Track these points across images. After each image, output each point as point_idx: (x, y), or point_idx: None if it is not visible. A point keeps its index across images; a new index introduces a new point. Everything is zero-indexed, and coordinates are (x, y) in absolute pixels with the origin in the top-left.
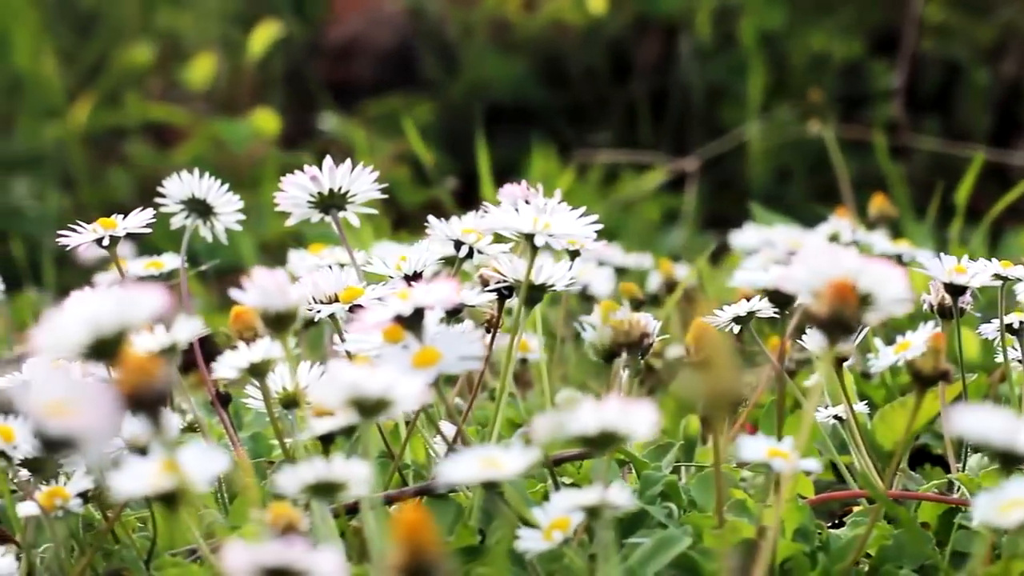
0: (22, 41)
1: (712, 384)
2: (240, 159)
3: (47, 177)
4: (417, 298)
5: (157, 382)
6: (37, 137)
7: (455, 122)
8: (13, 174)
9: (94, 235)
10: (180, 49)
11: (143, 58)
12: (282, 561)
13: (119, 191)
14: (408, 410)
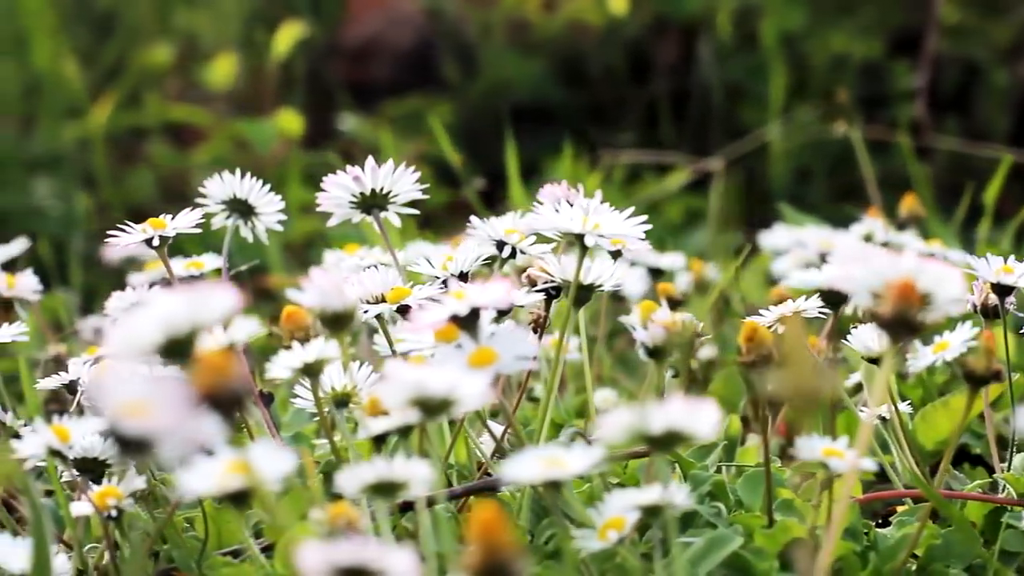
0: (41, 42)
1: (796, 383)
2: (260, 159)
3: (68, 177)
4: (473, 298)
5: (233, 382)
6: (57, 138)
7: (474, 122)
8: (34, 174)
9: (144, 235)
10: (197, 50)
11: (162, 58)
12: (357, 560)
13: (140, 191)
14: (470, 409)
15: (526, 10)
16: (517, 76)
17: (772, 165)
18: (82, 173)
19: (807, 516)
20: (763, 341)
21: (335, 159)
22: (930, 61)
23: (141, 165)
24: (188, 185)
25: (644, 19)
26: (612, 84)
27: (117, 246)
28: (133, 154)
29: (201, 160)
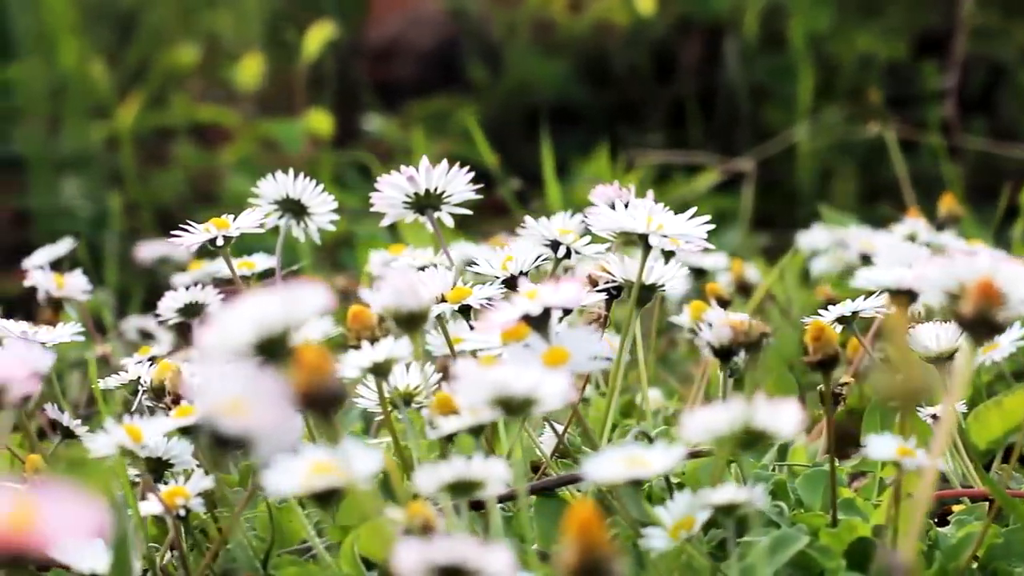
0: (67, 42)
1: (901, 381)
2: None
3: (95, 177)
4: (545, 298)
5: (332, 381)
6: (85, 138)
7: (498, 122)
8: (62, 174)
9: (207, 235)
10: (219, 50)
11: (188, 59)
12: (455, 559)
13: (167, 191)
14: (552, 409)
15: (551, 10)
16: (541, 76)
17: (799, 166)
18: (109, 173)
19: (870, 515)
20: (830, 341)
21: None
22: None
23: (169, 165)
24: (214, 185)
25: (669, 19)
26: (637, 84)
27: (182, 246)
28: (158, 154)
29: (228, 160)
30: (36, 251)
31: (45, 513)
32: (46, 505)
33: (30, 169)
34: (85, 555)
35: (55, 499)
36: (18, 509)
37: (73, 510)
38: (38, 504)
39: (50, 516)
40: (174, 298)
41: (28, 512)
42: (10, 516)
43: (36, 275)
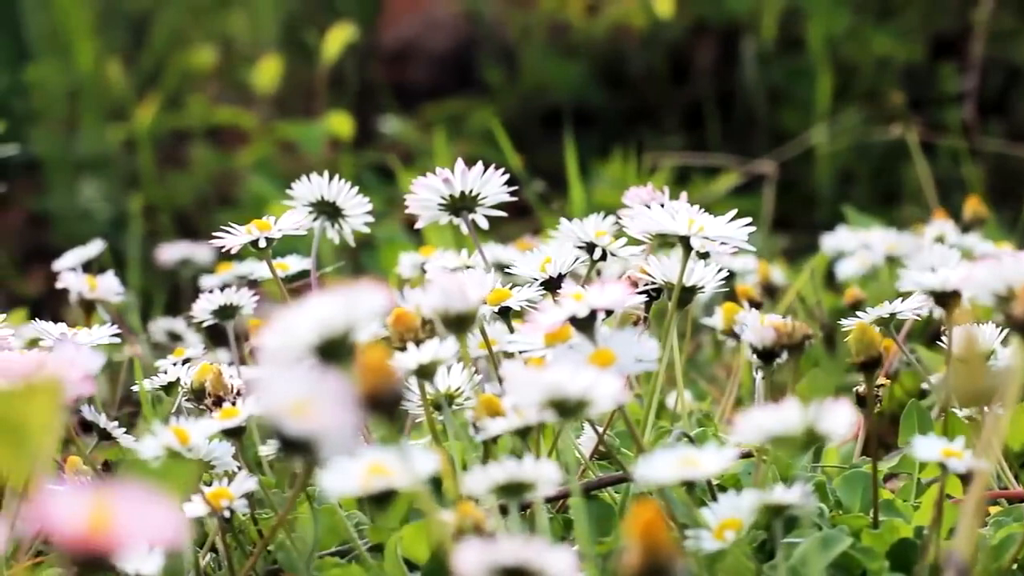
0: (83, 44)
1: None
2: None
3: (113, 180)
4: (592, 300)
5: (395, 383)
6: (102, 140)
7: (514, 125)
8: (80, 176)
9: (250, 236)
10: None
11: (205, 60)
12: (518, 560)
13: (184, 194)
14: (604, 410)
15: (567, 13)
16: (557, 78)
17: (818, 168)
18: (126, 175)
19: (910, 516)
20: (873, 342)
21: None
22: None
23: (186, 167)
24: (231, 187)
25: (685, 21)
26: (653, 86)
27: (225, 247)
28: (174, 156)
29: (245, 162)
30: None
31: (122, 515)
32: (123, 507)
33: (48, 171)
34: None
35: (131, 501)
36: (95, 511)
37: (150, 513)
38: (115, 506)
39: (127, 518)
40: (209, 300)
41: (106, 514)
42: (88, 518)
43: (68, 277)
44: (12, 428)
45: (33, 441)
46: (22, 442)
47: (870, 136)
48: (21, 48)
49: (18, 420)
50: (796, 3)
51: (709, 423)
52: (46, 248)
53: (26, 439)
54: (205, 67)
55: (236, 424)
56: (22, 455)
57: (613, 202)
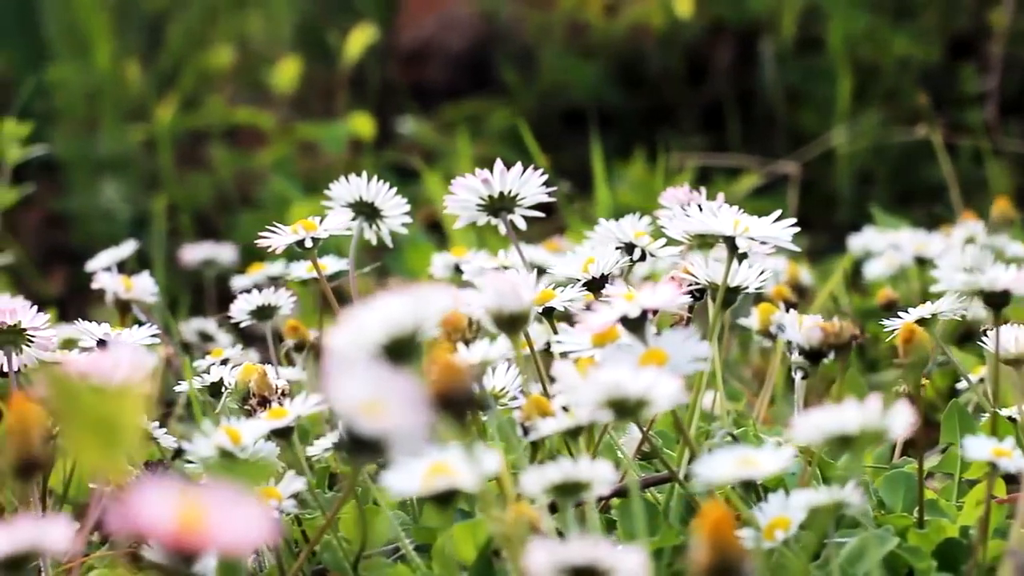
0: (101, 45)
1: None
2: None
3: (132, 180)
4: (644, 300)
5: (467, 383)
6: (122, 140)
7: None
8: (101, 177)
9: (296, 236)
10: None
11: (223, 61)
12: (588, 559)
13: (203, 194)
14: (661, 411)
15: (586, 13)
16: (575, 79)
17: (837, 169)
18: (146, 175)
19: (954, 516)
20: (921, 342)
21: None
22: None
23: (204, 168)
24: (250, 188)
25: (703, 21)
26: (671, 87)
27: (271, 247)
28: (192, 157)
29: (264, 162)
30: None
31: (214, 515)
32: (214, 507)
33: (68, 171)
34: None
35: (221, 501)
36: (186, 510)
37: (240, 512)
38: (205, 505)
39: (219, 518)
40: (247, 300)
41: (197, 513)
42: (181, 516)
43: (103, 277)
44: (103, 426)
45: (123, 440)
46: (112, 441)
47: (890, 137)
48: (40, 49)
49: (108, 419)
50: (814, 3)
51: (745, 423)
52: (66, 248)
53: (116, 438)
54: (223, 67)
55: (285, 424)
56: (112, 453)
57: (635, 202)
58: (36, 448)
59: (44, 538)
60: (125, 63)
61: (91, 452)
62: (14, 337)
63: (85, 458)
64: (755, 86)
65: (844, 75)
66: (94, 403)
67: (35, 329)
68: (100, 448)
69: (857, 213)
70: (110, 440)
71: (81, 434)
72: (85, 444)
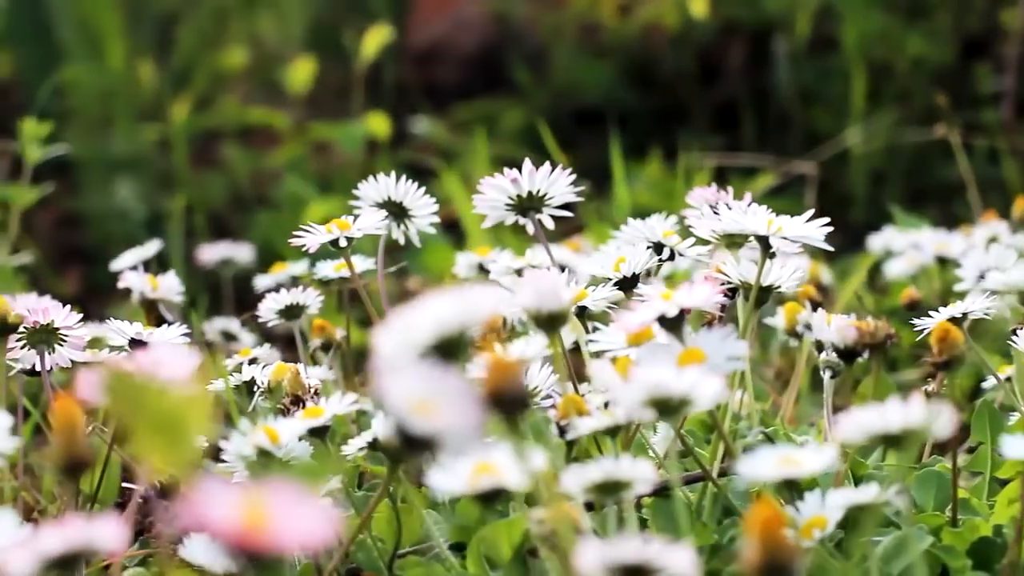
0: (114, 45)
1: None
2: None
3: (146, 180)
4: (681, 299)
5: (520, 381)
6: (136, 140)
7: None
8: (115, 176)
9: (330, 235)
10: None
11: (237, 61)
12: (639, 558)
13: (217, 194)
14: (703, 409)
15: (599, 13)
16: (587, 79)
17: (852, 169)
18: (160, 175)
19: (987, 515)
20: (956, 341)
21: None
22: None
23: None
24: (263, 188)
25: (716, 21)
26: (684, 87)
27: (305, 247)
28: (205, 157)
29: (278, 162)
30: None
31: (278, 514)
32: (278, 506)
33: (81, 171)
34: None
35: (285, 500)
36: (251, 509)
37: (303, 511)
38: (270, 505)
39: (283, 517)
40: (275, 299)
41: (261, 513)
42: (246, 515)
43: (130, 277)
44: (170, 426)
45: (190, 439)
46: (180, 440)
47: (903, 137)
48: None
49: (176, 418)
50: (828, 3)
51: (772, 422)
52: (80, 248)
53: (183, 437)
54: (236, 68)
55: (321, 423)
56: (180, 453)
57: (652, 202)
58: (82, 447)
59: (95, 538)
60: (138, 63)
61: (157, 452)
62: (47, 336)
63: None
64: (768, 86)
65: (858, 75)
66: (160, 403)
67: (68, 328)
68: (166, 448)
69: (871, 212)
70: (176, 440)
71: (147, 434)
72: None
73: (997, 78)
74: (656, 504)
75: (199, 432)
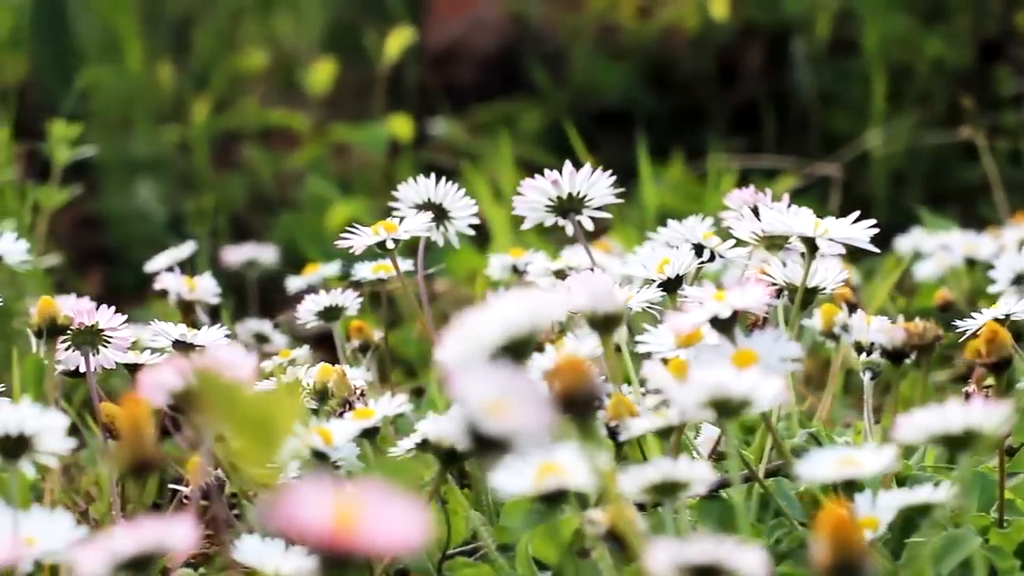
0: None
1: None
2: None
3: (167, 181)
4: (734, 301)
5: (592, 382)
6: (156, 142)
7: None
8: (134, 178)
9: (377, 237)
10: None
11: (257, 63)
12: (712, 558)
13: (238, 195)
14: (764, 410)
15: (618, 15)
16: (606, 80)
17: (873, 171)
18: (180, 177)
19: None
20: (1004, 343)
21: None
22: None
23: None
24: (283, 189)
25: (735, 23)
26: (702, 89)
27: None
28: (225, 159)
29: (298, 164)
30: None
31: (369, 515)
32: (369, 507)
33: (102, 173)
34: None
35: (376, 501)
36: (341, 510)
37: (394, 512)
38: (361, 505)
39: (374, 518)
40: (315, 301)
41: (353, 512)
42: (337, 516)
43: (166, 278)
44: (261, 427)
45: (280, 440)
46: (270, 441)
47: (924, 139)
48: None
49: (266, 419)
50: (848, 5)
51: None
52: (100, 250)
53: (274, 438)
54: (256, 70)
55: (372, 424)
56: (270, 454)
57: (674, 204)
58: (149, 449)
59: (168, 538)
60: (156, 65)
61: (250, 453)
62: (91, 338)
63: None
64: (786, 88)
65: (879, 77)
66: (252, 405)
67: (112, 329)
68: (258, 449)
69: (892, 214)
70: (267, 441)
71: (240, 435)
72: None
73: (1018, 80)
74: (702, 505)
75: (288, 433)
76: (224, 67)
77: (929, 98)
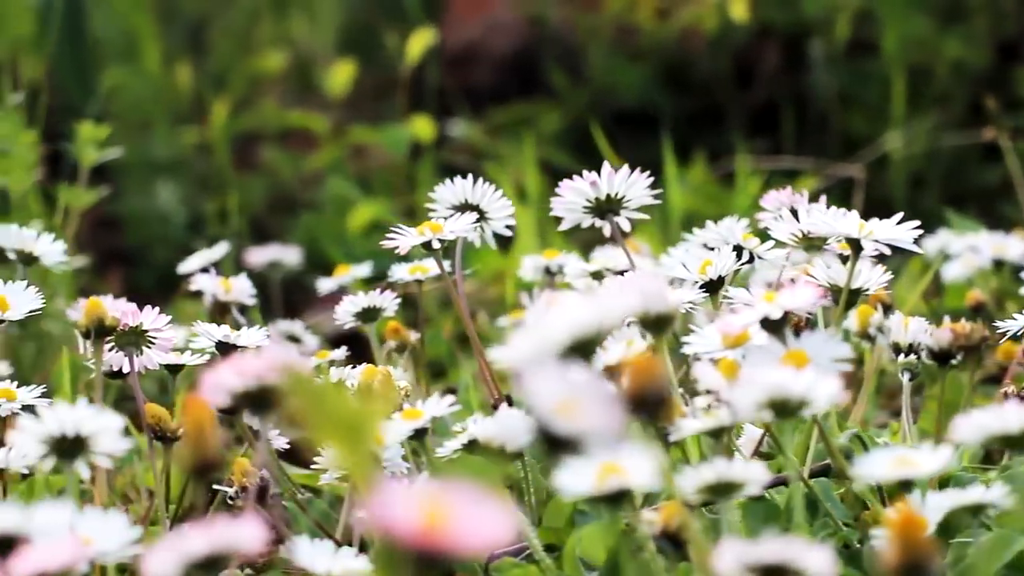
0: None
1: None
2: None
3: (187, 183)
4: (785, 301)
5: (662, 383)
6: (175, 143)
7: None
8: (154, 180)
9: (422, 237)
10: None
11: (274, 65)
12: (780, 558)
13: (257, 196)
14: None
15: (636, 16)
16: (624, 82)
17: (892, 172)
18: (199, 178)
19: None
20: None
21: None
22: None
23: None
24: (302, 190)
25: (753, 25)
26: (721, 90)
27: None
28: (242, 160)
29: (317, 165)
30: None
31: (458, 514)
32: (458, 507)
33: (121, 174)
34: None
35: (465, 501)
36: (431, 510)
37: (482, 512)
38: (450, 506)
39: (464, 518)
40: (353, 302)
41: (442, 513)
42: (426, 516)
43: (202, 279)
44: (350, 428)
45: (369, 442)
46: (360, 442)
47: (942, 140)
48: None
49: (356, 421)
50: (867, 6)
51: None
52: (119, 251)
53: (363, 439)
54: (273, 71)
55: (421, 425)
56: (361, 455)
57: (696, 205)
58: (212, 450)
59: (239, 539)
60: (174, 66)
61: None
62: (135, 338)
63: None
64: (803, 89)
65: (898, 79)
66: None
67: (155, 331)
68: (347, 451)
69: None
70: (357, 443)
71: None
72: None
73: None
74: (748, 506)
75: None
76: (242, 68)
77: (948, 99)
